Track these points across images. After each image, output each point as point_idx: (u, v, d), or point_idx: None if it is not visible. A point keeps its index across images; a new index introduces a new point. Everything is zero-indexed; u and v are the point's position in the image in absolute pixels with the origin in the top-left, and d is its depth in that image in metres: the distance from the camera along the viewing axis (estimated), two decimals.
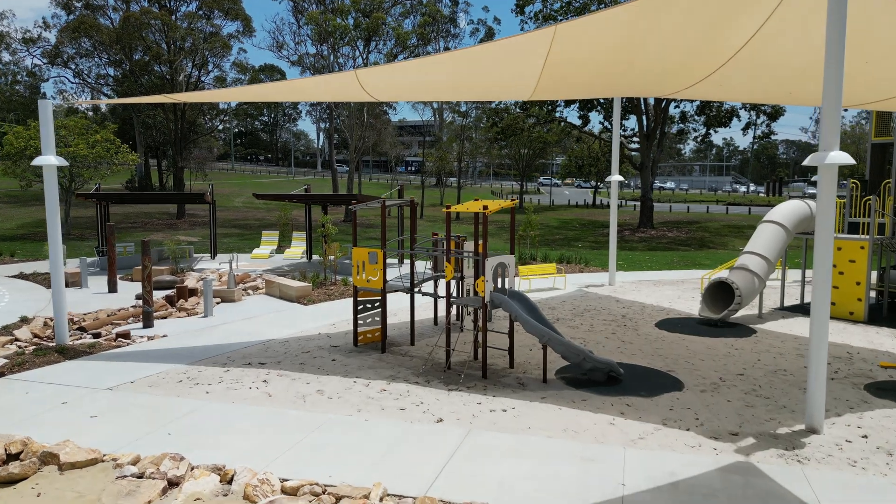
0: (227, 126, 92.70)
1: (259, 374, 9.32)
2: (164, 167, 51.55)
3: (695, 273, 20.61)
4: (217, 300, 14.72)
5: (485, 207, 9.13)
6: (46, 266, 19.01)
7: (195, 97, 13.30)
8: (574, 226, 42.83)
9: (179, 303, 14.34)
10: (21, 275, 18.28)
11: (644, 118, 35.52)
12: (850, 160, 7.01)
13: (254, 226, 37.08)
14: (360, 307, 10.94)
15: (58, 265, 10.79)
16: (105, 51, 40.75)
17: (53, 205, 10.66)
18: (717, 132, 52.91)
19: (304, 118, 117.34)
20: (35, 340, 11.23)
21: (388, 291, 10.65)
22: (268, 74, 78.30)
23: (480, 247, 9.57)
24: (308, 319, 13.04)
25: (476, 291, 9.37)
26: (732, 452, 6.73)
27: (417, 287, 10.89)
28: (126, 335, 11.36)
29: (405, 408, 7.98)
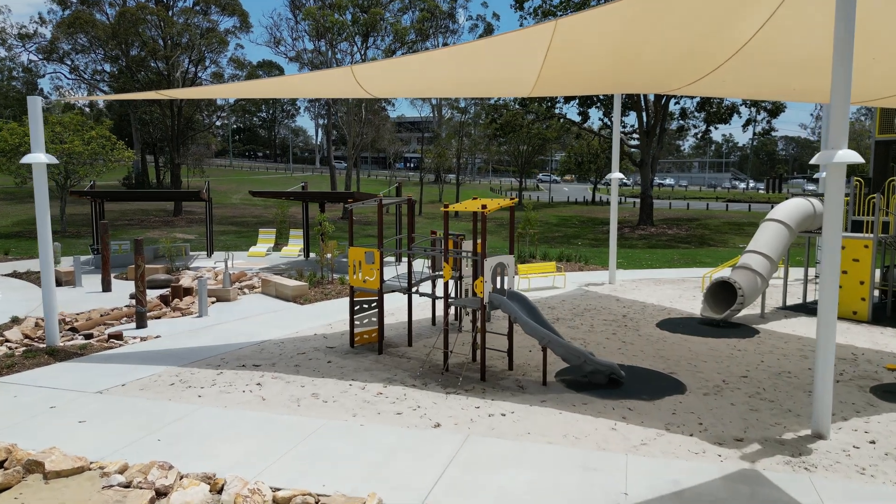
0: (226, 122, 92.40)
1: (253, 377, 9.13)
2: (162, 164, 51.28)
3: (695, 271, 20.44)
4: (212, 300, 14.52)
5: (483, 207, 8.93)
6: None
7: (188, 93, 13.07)
8: (573, 223, 42.65)
9: (174, 302, 14.15)
10: (15, 273, 18.08)
11: (644, 115, 35.31)
12: (859, 159, 6.81)
13: (251, 223, 36.87)
14: (357, 308, 10.75)
15: (48, 264, 10.59)
16: (101, 46, 40.45)
17: (43, 203, 10.45)
18: (718, 129, 52.68)
19: (303, 114, 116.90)
20: (26, 341, 11.03)
21: (386, 292, 10.46)
22: (266, 71, 77.91)
23: (479, 246, 9.38)
24: (304, 319, 12.84)
25: (474, 292, 9.18)
26: (737, 459, 6.56)
27: (415, 287, 10.71)
28: (118, 336, 11.16)
29: (402, 412, 7.79)
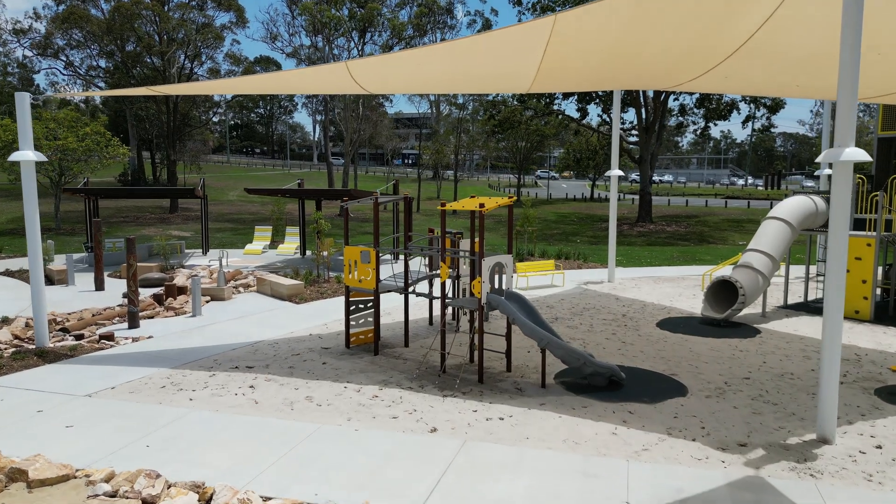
0: (223, 118, 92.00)
1: (246, 379, 8.95)
2: (158, 160, 50.99)
3: (695, 269, 20.28)
4: (206, 299, 14.33)
5: (481, 205, 8.74)
6: None
7: (180, 89, 12.85)
8: (572, 220, 42.48)
9: (168, 301, 13.96)
10: (7, 272, 17.86)
11: (643, 111, 35.11)
12: (867, 157, 6.63)
13: (248, 220, 36.64)
14: (353, 307, 10.57)
15: (37, 264, 10.38)
16: (96, 42, 40.12)
17: (32, 201, 10.24)
18: (717, 125, 52.51)
19: (301, 110, 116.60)
20: (15, 342, 10.83)
21: (382, 292, 10.28)
22: (263, 67, 77.52)
23: (476, 246, 9.19)
24: (299, 319, 12.66)
25: (472, 292, 9.00)
26: (742, 465, 6.39)
27: (412, 287, 10.53)
28: (110, 336, 10.97)
29: (398, 416, 7.62)
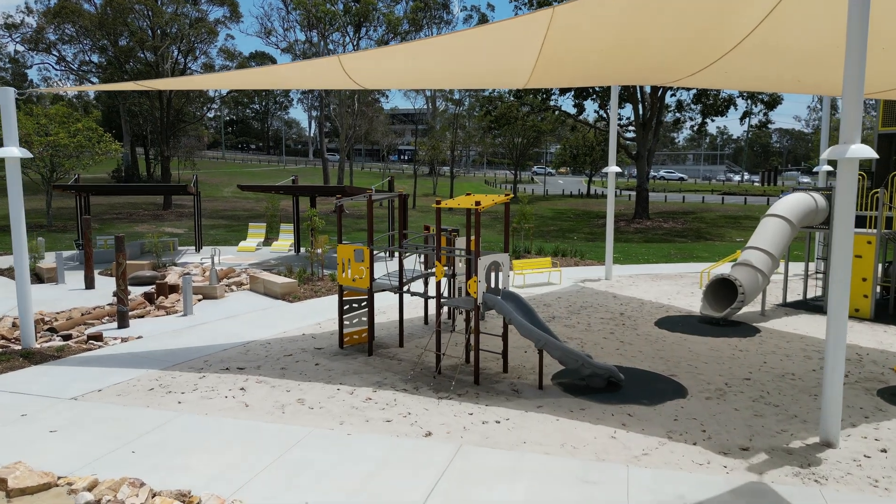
0: (218, 114, 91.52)
1: (237, 381, 8.74)
2: (152, 156, 50.61)
3: (693, 266, 20.12)
4: (198, 297, 14.11)
5: (477, 203, 8.54)
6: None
7: (170, 84, 12.60)
8: (569, 216, 42.33)
9: (159, 300, 13.73)
10: None
11: (640, 107, 34.93)
12: (873, 154, 6.46)
13: (242, 217, 36.37)
14: (346, 307, 10.36)
15: (22, 262, 10.14)
16: (88, 36, 39.71)
17: (17, 198, 10.00)
18: (714, 121, 52.33)
19: (296, 106, 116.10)
20: (2, 343, 10.60)
21: (376, 291, 10.08)
22: (258, 62, 77.07)
23: (472, 244, 9.00)
24: (292, 318, 12.45)
25: (468, 292, 8.81)
26: (744, 471, 6.22)
27: (406, 286, 10.33)
28: (98, 337, 10.75)
29: (391, 419, 7.43)
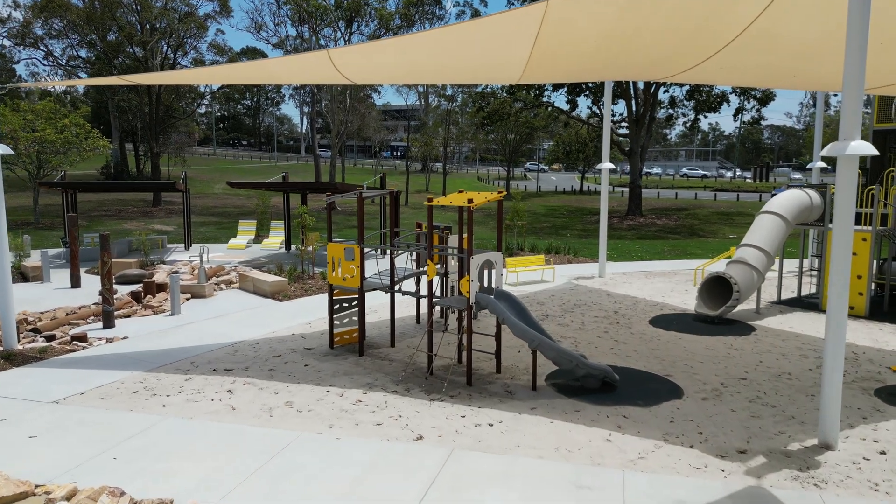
0: (209, 110, 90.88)
1: (224, 383, 8.54)
2: (142, 153, 50.10)
3: (686, 263, 20.03)
4: (186, 296, 13.87)
5: (470, 201, 8.36)
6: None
7: (155, 79, 12.34)
8: (562, 213, 42.22)
9: (146, 299, 13.49)
10: None
11: (633, 103, 34.82)
12: (874, 150, 6.33)
13: (233, 213, 36.05)
14: (337, 306, 10.17)
15: (3, 260, 9.87)
16: (76, 31, 39.20)
17: None
18: (706, 117, 52.34)
19: (288, 102, 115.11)
20: None
21: (367, 290, 9.89)
22: (249, 57, 76.44)
23: (465, 242, 8.82)
24: (282, 318, 12.25)
25: (460, 291, 8.64)
26: (742, 475, 6.09)
27: (398, 285, 10.14)
28: (83, 338, 10.51)
29: (382, 422, 7.25)
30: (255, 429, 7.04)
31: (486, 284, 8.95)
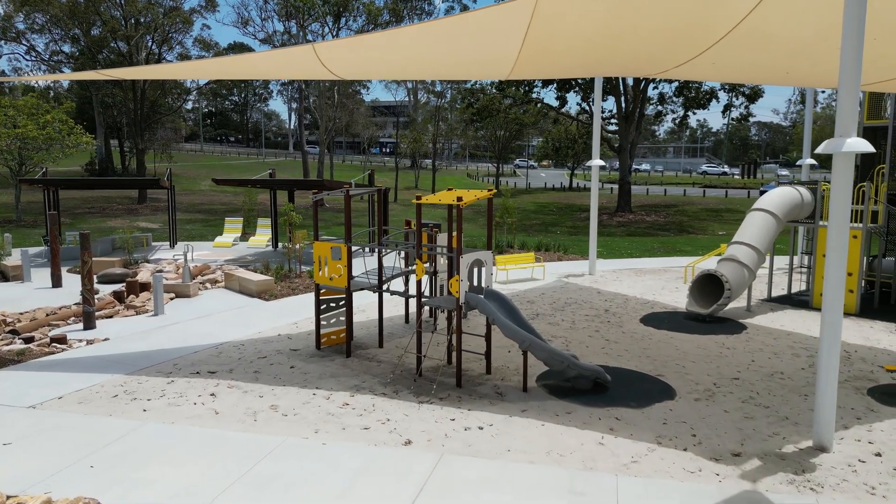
0: (196, 106, 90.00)
1: (207, 386, 8.33)
2: (127, 149, 49.47)
3: (676, 260, 19.99)
4: (170, 296, 13.61)
5: (459, 199, 8.19)
6: None
7: (135, 73, 12.06)
8: (551, 210, 42.15)
9: (129, 299, 13.21)
10: None
11: (622, 99, 34.75)
12: (870, 148, 6.22)
13: (219, 211, 35.66)
14: (324, 306, 9.97)
15: None
16: (59, 26, 38.56)
17: None
18: (696, 114, 52.40)
19: (276, 98, 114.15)
20: None
21: (354, 290, 9.69)
22: (236, 53, 75.70)
23: (455, 241, 8.65)
24: (268, 318, 12.03)
25: (450, 291, 8.47)
26: (737, 479, 5.97)
27: (386, 284, 9.96)
28: (62, 339, 10.24)
29: (369, 426, 7.07)
30: (239, 434, 6.84)
31: (476, 284, 8.79)
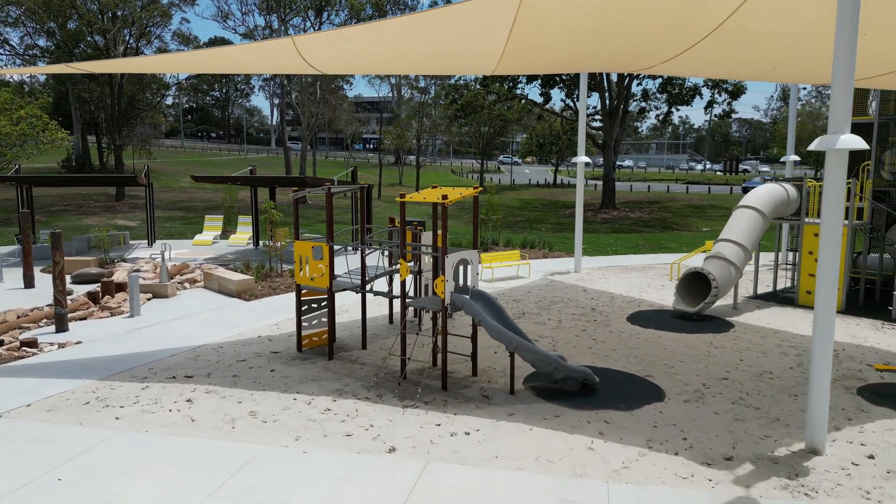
0: (177, 101, 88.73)
1: (183, 392, 8.03)
2: (105, 145, 48.56)
3: (661, 258, 19.93)
4: (147, 296, 13.24)
5: (444, 197, 7.96)
6: None
7: (107, 66, 11.66)
8: (536, 206, 42.07)
9: (104, 300, 12.83)
10: None
11: (606, 95, 34.70)
12: (864, 145, 6.11)
13: (199, 208, 35.09)
14: (305, 307, 9.70)
15: None
16: (34, 19, 37.66)
17: None
18: (679, 110, 52.60)
19: (258, 93, 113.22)
20: None
21: (336, 290, 9.43)
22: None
23: (440, 240, 8.43)
24: (248, 318, 11.72)
25: (435, 291, 8.24)
26: (730, 484, 5.82)
27: (369, 285, 9.72)
28: (33, 343, 9.87)
29: (352, 433, 6.84)
30: (216, 442, 6.57)
31: (462, 284, 8.58)
